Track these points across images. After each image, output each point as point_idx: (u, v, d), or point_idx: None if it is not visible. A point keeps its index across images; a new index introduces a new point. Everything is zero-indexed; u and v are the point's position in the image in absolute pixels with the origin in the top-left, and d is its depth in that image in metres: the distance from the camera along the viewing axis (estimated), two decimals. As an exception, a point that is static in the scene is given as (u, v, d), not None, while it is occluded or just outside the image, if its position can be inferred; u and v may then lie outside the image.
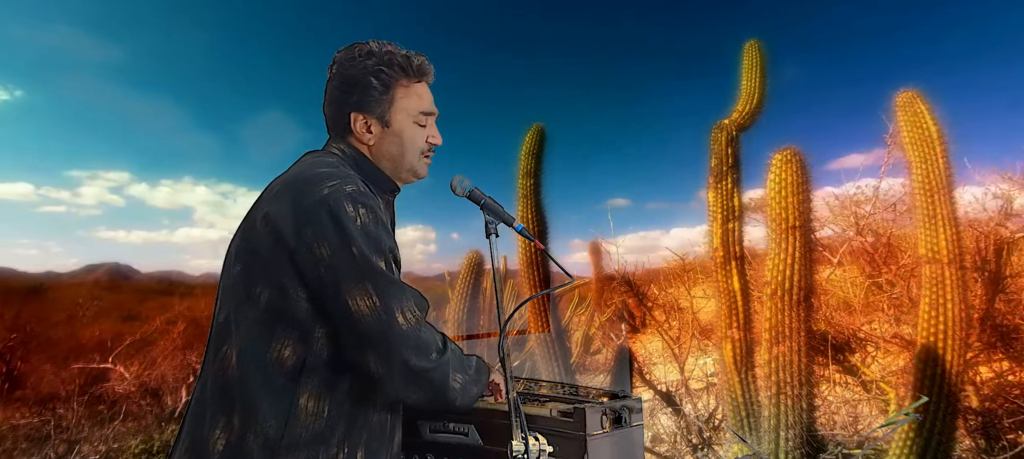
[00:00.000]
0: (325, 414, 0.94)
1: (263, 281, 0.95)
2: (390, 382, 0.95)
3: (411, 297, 0.99)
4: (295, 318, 0.94)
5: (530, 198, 4.33)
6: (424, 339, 0.98)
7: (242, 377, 0.93)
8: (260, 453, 0.90)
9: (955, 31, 5.87)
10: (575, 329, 5.42)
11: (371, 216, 0.98)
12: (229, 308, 0.98)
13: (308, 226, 0.94)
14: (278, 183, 1.05)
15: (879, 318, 4.30)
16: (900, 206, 4.14)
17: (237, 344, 0.95)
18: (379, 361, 0.94)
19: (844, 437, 3.82)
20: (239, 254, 1.01)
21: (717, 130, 4.01)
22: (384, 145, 1.14)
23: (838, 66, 6.48)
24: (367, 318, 0.92)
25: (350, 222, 0.94)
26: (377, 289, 0.93)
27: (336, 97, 1.14)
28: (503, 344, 1.12)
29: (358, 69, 1.12)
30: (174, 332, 5.53)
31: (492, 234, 1.19)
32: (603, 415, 1.20)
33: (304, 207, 0.95)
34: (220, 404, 0.93)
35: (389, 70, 1.12)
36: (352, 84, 1.12)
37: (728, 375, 3.75)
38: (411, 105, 1.15)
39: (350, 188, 0.98)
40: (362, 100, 1.12)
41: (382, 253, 0.97)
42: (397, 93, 1.14)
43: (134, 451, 4.62)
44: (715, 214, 3.94)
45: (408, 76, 1.15)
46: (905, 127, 3.42)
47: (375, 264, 0.95)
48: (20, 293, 5.68)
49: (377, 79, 1.11)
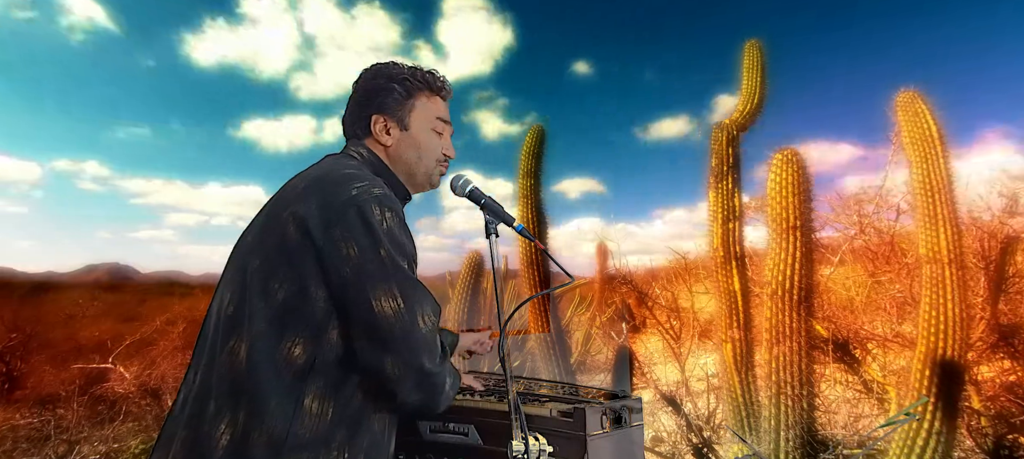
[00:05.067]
0: (329, 416, 0.94)
1: (282, 277, 0.95)
2: (404, 383, 0.95)
3: (430, 301, 1.00)
4: (310, 317, 0.94)
5: (530, 198, 4.33)
6: (437, 343, 0.99)
7: (251, 372, 0.92)
8: (264, 451, 0.89)
9: (955, 31, 5.86)
10: (575, 329, 5.42)
11: (397, 220, 0.99)
12: (241, 301, 0.97)
13: (337, 225, 0.94)
14: (301, 182, 1.04)
15: (880, 317, 4.30)
16: (902, 205, 4.14)
17: (248, 339, 0.94)
18: (397, 362, 0.94)
19: (844, 437, 3.82)
20: (258, 248, 1.00)
21: (717, 130, 4.01)
22: (401, 149, 1.17)
23: (839, 66, 6.48)
24: (390, 319, 0.93)
25: (378, 224, 0.96)
26: (402, 291, 0.94)
27: (359, 100, 1.18)
28: (503, 344, 1.12)
29: (382, 78, 1.17)
30: (174, 332, 5.52)
31: (492, 234, 1.19)
32: (603, 415, 1.20)
33: (333, 207, 0.96)
34: (227, 399, 0.92)
35: (413, 80, 1.18)
36: (375, 90, 1.17)
37: (728, 375, 3.75)
38: (430, 113, 1.19)
39: (378, 191, 1.00)
40: (383, 102, 1.16)
41: (406, 256, 0.98)
42: (418, 101, 1.18)
43: (134, 451, 4.61)
44: (715, 214, 3.94)
45: (430, 89, 1.20)
46: (905, 127, 3.42)
47: (401, 266, 0.96)
48: (20, 293, 5.68)
49: (401, 85, 1.17)
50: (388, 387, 0.96)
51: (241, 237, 1.07)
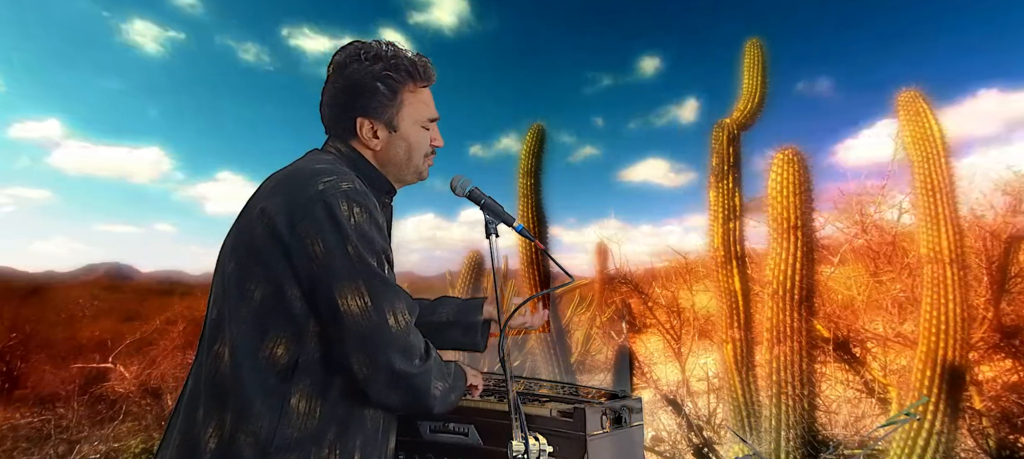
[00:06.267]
0: (317, 414, 0.93)
1: (257, 278, 0.93)
2: (373, 383, 0.93)
3: (402, 299, 0.97)
4: (289, 316, 0.93)
5: (530, 198, 4.32)
6: (412, 343, 0.96)
7: (235, 375, 0.91)
8: (251, 452, 0.88)
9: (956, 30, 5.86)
10: (575, 329, 5.42)
11: (366, 215, 0.96)
12: (222, 305, 0.96)
13: (303, 221, 0.92)
14: (273, 179, 1.03)
15: (881, 317, 4.29)
16: (903, 205, 4.14)
17: (230, 341, 0.93)
18: (364, 362, 0.92)
19: (845, 437, 3.81)
20: (233, 250, 0.99)
21: (718, 129, 4.00)
22: (390, 150, 1.13)
23: (839, 66, 6.48)
24: (356, 318, 0.91)
25: (345, 220, 0.93)
26: (370, 289, 0.92)
27: (339, 100, 1.11)
28: (503, 344, 1.11)
29: (364, 73, 1.09)
30: (174, 332, 5.52)
31: (492, 234, 1.18)
32: (603, 415, 1.19)
33: (299, 202, 0.94)
34: (213, 402, 0.92)
35: (396, 75, 1.10)
36: (358, 88, 1.09)
37: (729, 375, 3.74)
38: (418, 111, 1.14)
39: (346, 185, 0.96)
40: (368, 105, 1.09)
41: (375, 253, 0.95)
42: (404, 98, 1.12)
43: (134, 451, 4.61)
44: (716, 214, 3.93)
45: (414, 80, 1.13)
46: (907, 126, 3.41)
47: (369, 263, 0.93)
48: (20, 293, 5.68)
49: (384, 84, 1.09)
50: (361, 387, 0.94)
51: (225, 238, 1.05)
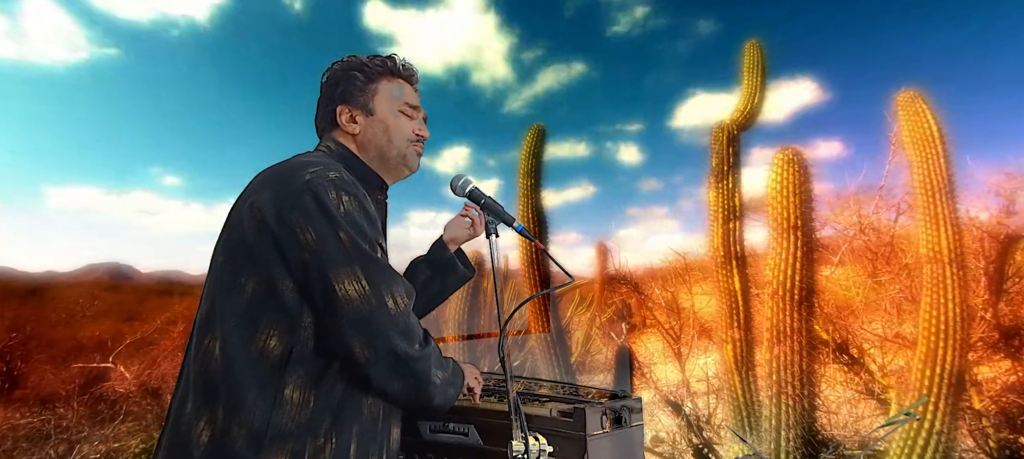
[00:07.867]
0: (311, 405, 0.92)
1: (249, 271, 0.93)
2: (375, 366, 0.93)
3: (400, 282, 0.97)
4: (282, 307, 0.92)
5: (530, 198, 4.33)
6: (412, 325, 0.97)
7: (226, 369, 0.91)
8: (245, 444, 0.88)
9: (956, 30, 5.87)
10: (575, 329, 5.42)
11: (355, 202, 0.96)
12: (212, 300, 0.96)
13: (292, 211, 0.92)
14: (262, 175, 1.04)
15: (880, 317, 4.29)
16: (902, 205, 4.14)
17: (220, 335, 0.93)
18: (365, 345, 0.92)
19: (844, 437, 3.81)
20: (224, 245, 0.99)
21: (717, 130, 4.00)
22: (369, 133, 1.14)
23: (839, 65, 6.47)
24: (355, 302, 0.91)
25: (334, 207, 0.93)
26: (366, 272, 0.92)
27: (324, 96, 1.17)
28: (503, 344, 1.11)
29: (343, 67, 1.16)
30: (174, 332, 5.52)
31: (492, 234, 1.18)
32: (603, 415, 1.19)
33: (287, 193, 0.94)
34: (204, 396, 0.91)
35: (372, 66, 1.17)
36: (337, 82, 1.16)
37: (728, 375, 3.74)
38: (394, 95, 1.17)
39: (333, 175, 0.97)
40: (346, 91, 1.15)
41: (367, 239, 0.95)
42: (380, 84, 1.17)
43: (134, 451, 4.62)
44: (716, 214, 3.93)
45: (392, 73, 1.18)
46: (906, 126, 3.42)
47: (362, 247, 0.93)
48: (20, 293, 5.67)
49: (361, 72, 1.15)
50: (363, 373, 0.94)
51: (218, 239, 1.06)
